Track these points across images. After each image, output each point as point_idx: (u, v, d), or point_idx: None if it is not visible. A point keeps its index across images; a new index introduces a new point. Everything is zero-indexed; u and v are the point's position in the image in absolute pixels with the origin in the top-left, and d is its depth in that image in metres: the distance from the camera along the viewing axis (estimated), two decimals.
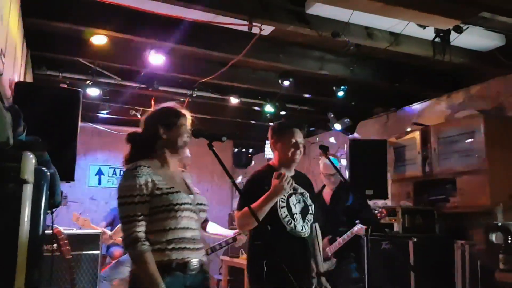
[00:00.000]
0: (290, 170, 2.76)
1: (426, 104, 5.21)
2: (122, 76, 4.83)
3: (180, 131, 2.13)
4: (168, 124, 2.13)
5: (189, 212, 2.03)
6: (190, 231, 2.03)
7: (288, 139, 2.72)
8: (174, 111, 2.19)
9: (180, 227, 1.99)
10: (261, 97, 5.59)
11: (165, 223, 1.97)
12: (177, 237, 1.98)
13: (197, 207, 2.09)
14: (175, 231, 1.97)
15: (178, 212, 1.98)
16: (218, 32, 3.87)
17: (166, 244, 1.95)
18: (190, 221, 2.04)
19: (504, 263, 3.45)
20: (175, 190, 2.02)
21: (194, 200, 2.10)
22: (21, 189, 1.78)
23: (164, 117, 2.17)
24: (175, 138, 2.12)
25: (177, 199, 2.00)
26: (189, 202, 2.05)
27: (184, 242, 1.99)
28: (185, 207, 2.01)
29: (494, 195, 3.91)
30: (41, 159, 1.97)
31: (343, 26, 3.54)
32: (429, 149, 4.50)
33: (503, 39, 3.99)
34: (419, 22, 3.50)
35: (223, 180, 8.01)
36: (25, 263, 1.75)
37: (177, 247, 1.97)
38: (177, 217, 1.98)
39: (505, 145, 4.07)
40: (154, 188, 1.97)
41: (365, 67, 4.66)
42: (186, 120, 2.18)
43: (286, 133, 2.75)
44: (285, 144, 2.73)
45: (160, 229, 1.97)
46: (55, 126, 2.88)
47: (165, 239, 1.96)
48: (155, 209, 1.97)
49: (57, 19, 3.54)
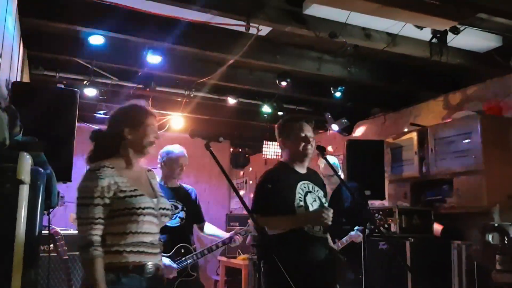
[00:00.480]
0: (303, 166, 2.70)
1: (423, 104, 5.22)
2: (119, 76, 4.83)
3: (146, 131, 2.07)
4: (133, 124, 2.07)
5: (150, 217, 2.00)
6: (149, 235, 2.00)
7: (297, 134, 2.66)
8: (141, 110, 2.13)
9: (141, 231, 1.96)
10: (259, 98, 5.59)
11: (126, 226, 1.94)
12: (136, 241, 1.95)
13: (159, 211, 2.05)
14: (135, 235, 1.95)
15: (140, 216, 1.95)
16: (216, 32, 3.88)
17: (124, 247, 1.93)
18: (150, 225, 2.01)
19: (500, 264, 3.46)
20: (138, 193, 1.99)
21: (158, 204, 2.06)
22: (17, 189, 1.77)
23: (130, 116, 2.11)
24: (141, 139, 2.07)
25: (140, 202, 1.96)
26: (151, 206, 2.01)
27: (142, 246, 1.96)
28: (147, 212, 1.98)
29: (491, 196, 3.92)
30: (38, 160, 1.96)
31: (340, 27, 3.54)
32: (426, 150, 4.51)
33: (500, 40, 4.00)
34: (416, 23, 3.51)
35: (221, 180, 7.99)
36: (21, 263, 1.74)
37: (135, 250, 1.94)
38: (138, 221, 1.95)
39: (502, 145, 4.08)
40: (117, 190, 1.94)
41: (363, 68, 4.67)
42: (153, 120, 2.12)
43: (294, 128, 2.68)
44: (295, 139, 2.65)
45: (120, 232, 1.94)
46: (52, 126, 2.87)
47: (124, 242, 1.93)
48: (116, 211, 1.94)
49: (54, 19, 3.54)
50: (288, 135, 2.70)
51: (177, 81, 5.05)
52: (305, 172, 2.70)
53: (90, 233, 1.87)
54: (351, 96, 5.26)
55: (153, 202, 2.04)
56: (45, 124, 2.80)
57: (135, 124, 2.07)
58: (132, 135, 2.06)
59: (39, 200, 1.87)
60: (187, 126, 6.22)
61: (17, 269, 1.72)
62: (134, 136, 2.06)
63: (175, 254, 3.28)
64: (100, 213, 1.91)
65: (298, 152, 2.65)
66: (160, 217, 2.06)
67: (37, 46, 4.11)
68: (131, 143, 2.07)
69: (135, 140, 2.07)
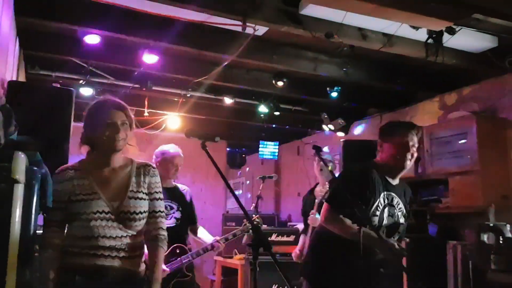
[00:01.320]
0: (396, 177, 2.54)
1: (419, 105, 5.23)
2: (115, 76, 4.82)
3: (102, 128, 2.01)
4: (92, 123, 2.05)
5: (105, 221, 1.95)
6: (107, 239, 1.94)
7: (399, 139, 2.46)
8: (97, 108, 2.08)
9: (93, 235, 1.93)
10: (255, 98, 5.59)
11: (80, 230, 1.95)
12: (90, 245, 1.93)
13: (121, 215, 1.98)
14: (91, 239, 1.93)
15: (92, 221, 1.93)
16: (212, 32, 3.88)
17: (80, 249, 1.94)
18: (107, 229, 1.95)
19: (495, 264, 3.47)
20: (92, 197, 1.97)
21: (119, 207, 1.99)
22: (12, 189, 1.76)
23: (88, 116, 2.09)
24: (99, 137, 2.02)
25: (91, 207, 1.95)
26: (105, 211, 1.96)
27: (101, 249, 1.93)
28: (99, 216, 1.94)
29: (486, 196, 3.94)
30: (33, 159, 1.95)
31: (336, 27, 3.55)
32: (421, 150, 4.51)
33: (495, 41, 4.01)
34: (412, 24, 3.51)
35: (217, 180, 7.99)
36: (16, 263, 1.73)
37: (92, 253, 1.93)
38: (91, 226, 1.93)
39: (497, 146, 4.10)
40: (72, 194, 1.97)
41: (359, 68, 4.68)
42: (110, 115, 2.03)
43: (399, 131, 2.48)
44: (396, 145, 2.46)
45: (76, 235, 1.96)
46: (47, 126, 2.85)
47: (81, 245, 1.94)
48: (71, 215, 1.97)
49: (50, 19, 3.53)
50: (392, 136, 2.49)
51: (174, 80, 5.05)
52: (397, 183, 2.54)
53: (45, 235, 1.98)
54: (348, 96, 5.27)
55: (110, 206, 1.97)
56: (40, 123, 2.79)
57: (93, 123, 2.04)
58: (91, 135, 2.05)
59: (34, 199, 1.86)
60: (183, 126, 6.21)
61: (11, 269, 1.72)
62: (93, 135, 2.04)
63: (170, 255, 3.27)
64: (56, 216, 1.99)
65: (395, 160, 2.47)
66: (124, 220, 1.97)
67: (33, 46, 4.10)
68: (94, 143, 2.06)
69: (95, 139, 2.05)
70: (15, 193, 1.77)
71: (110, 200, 1.99)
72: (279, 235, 5.01)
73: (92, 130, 2.05)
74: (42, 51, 4.23)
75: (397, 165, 2.48)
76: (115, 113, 2.04)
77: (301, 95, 5.48)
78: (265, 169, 7.71)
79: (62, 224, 2.01)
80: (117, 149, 2.05)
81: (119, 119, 2.04)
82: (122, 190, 2.04)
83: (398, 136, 2.48)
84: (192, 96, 5.31)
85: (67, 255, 1.97)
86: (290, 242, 4.98)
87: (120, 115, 2.05)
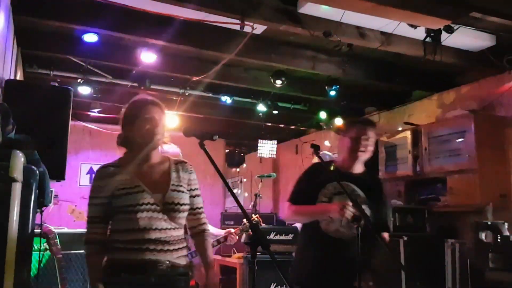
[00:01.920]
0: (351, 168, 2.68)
1: (417, 103, 5.24)
2: (113, 75, 4.81)
3: (139, 125, 2.05)
4: (128, 122, 2.09)
5: (151, 213, 1.96)
6: (153, 232, 1.95)
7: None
8: (133, 106, 2.13)
9: (140, 228, 1.93)
10: (254, 96, 5.59)
11: (126, 223, 1.95)
12: (136, 238, 1.93)
13: (165, 206, 2.01)
14: (134, 232, 1.94)
15: (138, 213, 1.94)
16: (210, 30, 3.87)
17: (126, 244, 1.94)
18: (153, 221, 1.96)
19: (493, 262, 3.48)
20: (137, 190, 1.98)
21: (163, 199, 2.01)
22: (10, 187, 1.76)
23: (125, 115, 2.12)
24: (137, 133, 2.06)
25: (137, 199, 1.96)
26: (151, 202, 1.98)
27: (146, 243, 1.93)
28: (145, 208, 1.96)
29: (484, 194, 3.94)
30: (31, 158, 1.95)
31: (335, 26, 3.55)
32: (420, 149, 4.52)
33: (493, 40, 4.02)
34: (410, 22, 3.51)
35: (216, 179, 7.99)
36: (14, 262, 1.73)
37: (137, 247, 1.93)
38: (138, 218, 1.93)
39: (495, 144, 4.10)
40: (115, 189, 1.97)
41: (357, 67, 4.68)
42: (147, 111, 2.07)
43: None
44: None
45: (121, 229, 1.96)
46: (45, 125, 2.85)
47: (125, 239, 1.94)
48: (116, 209, 1.97)
49: (48, 17, 3.53)
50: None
51: (172, 79, 5.04)
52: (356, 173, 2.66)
53: (88, 232, 1.98)
54: (346, 95, 5.27)
55: (155, 198, 2.00)
56: (38, 122, 2.79)
57: (130, 121, 2.08)
58: (130, 132, 2.08)
59: (31, 198, 1.87)
60: (181, 124, 6.20)
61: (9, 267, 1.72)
62: (131, 132, 2.08)
63: None
64: (98, 212, 1.98)
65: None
66: (168, 212, 2.02)
67: (31, 44, 4.09)
68: (132, 139, 2.09)
69: (133, 136, 2.08)
70: (13, 192, 1.77)
71: (153, 193, 2.02)
72: (277, 234, 5.01)
73: (131, 126, 2.07)
74: (40, 50, 4.22)
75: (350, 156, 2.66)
76: (153, 108, 2.08)
77: (299, 93, 5.47)
78: (264, 167, 7.72)
79: (105, 220, 2.00)
80: (155, 143, 2.08)
81: (156, 113, 2.08)
82: (164, 183, 2.07)
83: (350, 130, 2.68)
84: (190, 95, 5.30)
85: (112, 251, 1.96)
86: (288, 240, 4.98)
87: (157, 111, 2.10)
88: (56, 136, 2.90)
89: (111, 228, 2.02)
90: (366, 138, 2.63)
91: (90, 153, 7.63)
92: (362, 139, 2.61)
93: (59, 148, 2.90)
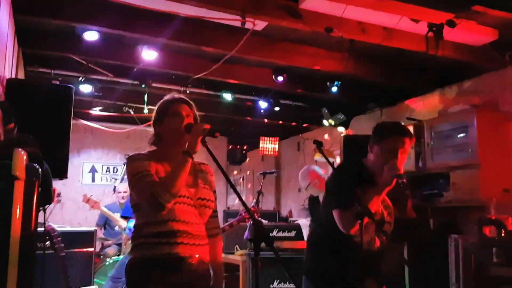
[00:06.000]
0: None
1: (419, 99, 5.22)
2: (114, 73, 4.80)
3: (167, 123, 2.11)
4: (158, 119, 2.15)
5: (185, 206, 2.00)
6: (185, 224, 1.98)
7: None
8: (162, 105, 2.19)
9: (174, 218, 1.95)
10: (255, 93, 5.57)
11: (161, 214, 1.94)
12: (168, 230, 1.94)
13: (198, 201, 2.07)
14: (166, 224, 1.94)
15: (176, 204, 1.96)
16: (211, 27, 3.86)
17: (159, 238, 1.94)
18: (186, 214, 1.99)
19: (497, 257, 3.47)
20: None
21: (195, 193, 2.07)
22: (12, 186, 1.76)
23: (155, 113, 2.18)
24: (164, 130, 2.12)
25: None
26: (186, 196, 2.02)
27: (177, 235, 1.95)
28: (182, 200, 1.99)
29: (488, 190, 3.93)
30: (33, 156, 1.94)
31: (336, 22, 3.53)
32: (422, 144, 4.51)
33: (496, 34, 3.99)
34: (412, 16, 3.49)
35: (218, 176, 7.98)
36: (17, 261, 1.73)
37: (171, 241, 1.94)
38: (175, 209, 1.95)
39: (498, 139, 4.08)
40: (155, 173, 1.98)
41: (359, 63, 4.65)
42: (174, 108, 2.13)
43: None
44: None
45: (152, 221, 1.96)
46: (47, 123, 2.86)
47: (158, 231, 1.95)
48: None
49: (48, 16, 3.52)
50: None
51: (173, 77, 5.03)
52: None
53: (146, 182, 1.93)
54: (347, 91, 5.25)
55: (189, 191, 2.05)
56: (40, 120, 2.79)
57: (159, 119, 2.14)
58: (159, 130, 2.14)
59: (34, 196, 1.86)
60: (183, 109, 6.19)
61: (12, 267, 1.71)
62: (160, 130, 2.13)
63: None
64: (149, 171, 1.97)
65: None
66: (199, 207, 2.06)
67: (32, 43, 4.08)
68: (161, 137, 2.13)
69: (162, 134, 2.12)
70: (15, 190, 1.76)
71: (187, 187, 2.05)
72: (280, 231, 5.00)
73: (160, 123, 2.13)
74: (41, 49, 4.22)
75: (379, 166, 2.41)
76: (180, 105, 2.14)
77: (301, 90, 5.46)
78: (266, 165, 7.71)
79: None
80: (183, 141, 2.07)
81: (183, 110, 2.12)
82: (194, 179, 2.13)
83: (387, 141, 2.41)
84: (192, 92, 5.29)
85: (142, 248, 1.97)
86: (291, 237, 4.97)
87: (185, 108, 2.14)
88: (58, 135, 2.90)
89: (142, 222, 2.01)
90: (404, 151, 2.40)
91: (92, 151, 7.64)
92: (399, 152, 2.38)
93: (61, 147, 2.90)
